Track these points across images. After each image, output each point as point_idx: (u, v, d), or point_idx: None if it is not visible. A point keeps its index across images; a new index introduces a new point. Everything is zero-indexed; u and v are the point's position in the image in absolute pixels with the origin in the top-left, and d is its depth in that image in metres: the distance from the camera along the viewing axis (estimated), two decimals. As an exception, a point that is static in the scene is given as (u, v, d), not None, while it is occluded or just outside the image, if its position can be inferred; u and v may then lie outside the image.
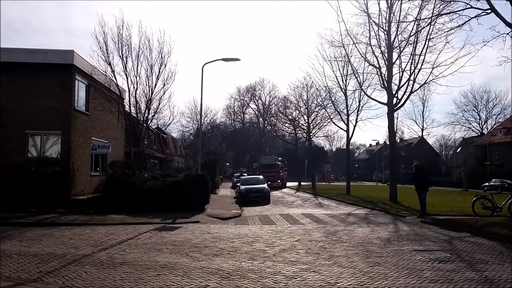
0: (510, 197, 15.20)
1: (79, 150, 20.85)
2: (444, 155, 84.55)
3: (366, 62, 25.41)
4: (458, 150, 73.03)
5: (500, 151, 53.48)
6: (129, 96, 21.86)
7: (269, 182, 37.90)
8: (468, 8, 14.60)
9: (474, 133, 69.45)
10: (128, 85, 21.37)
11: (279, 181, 43.11)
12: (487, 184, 40.44)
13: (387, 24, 22.69)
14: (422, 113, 69.84)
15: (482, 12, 14.31)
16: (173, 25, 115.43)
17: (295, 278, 6.88)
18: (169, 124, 41.35)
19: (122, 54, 20.94)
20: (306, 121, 43.86)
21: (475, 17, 14.55)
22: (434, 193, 23.92)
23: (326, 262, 8.05)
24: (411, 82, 22.70)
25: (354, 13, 25.78)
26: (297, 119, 46.38)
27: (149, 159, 34.38)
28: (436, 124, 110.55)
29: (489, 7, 14.01)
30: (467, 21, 14.84)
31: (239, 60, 22.04)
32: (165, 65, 21.92)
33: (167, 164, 46.80)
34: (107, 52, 20.68)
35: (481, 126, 69.48)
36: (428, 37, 20.87)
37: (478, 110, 69.74)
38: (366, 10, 23.10)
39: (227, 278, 6.88)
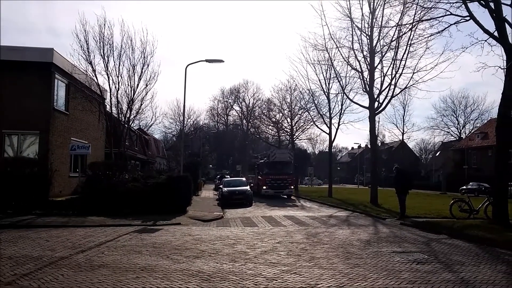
0: (487, 200, 15.56)
1: (57, 150, 20.43)
2: (424, 159, 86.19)
3: (348, 66, 25.69)
4: (437, 154, 74.53)
5: (478, 156, 54.79)
6: (110, 96, 21.59)
7: (278, 190, 30.24)
8: (448, 15, 14.90)
9: (452, 137, 71.09)
10: (109, 85, 21.11)
11: (292, 187, 31.94)
12: (464, 187, 41.36)
13: (369, 29, 23.04)
14: (403, 117, 71.50)
15: (461, 19, 14.62)
16: (156, 25, 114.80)
17: (276, 280, 6.88)
18: (151, 125, 41.13)
19: (103, 53, 20.68)
20: (290, 123, 44.01)
21: (454, 23, 14.85)
22: (414, 196, 24.32)
23: (307, 264, 8.09)
24: (392, 87, 23.13)
25: (338, 17, 26.22)
26: (280, 121, 46.48)
27: (131, 160, 33.91)
28: (416, 128, 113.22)
29: (468, 14, 14.33)
30: (447, 27, 15.15)
31: (223, 61, 21.98)
32: (148, 65, 21.75)
33: (149, 166, 46.30)
34: (88, 51, 20.41)
35: (459, 130, 71.24)
36: (409, 43, 21.28)
37: (457, 115, 71.55)
38: (349, 15, 23.45)
39: (207, 280, 6.83)
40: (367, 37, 23.26)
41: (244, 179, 30.61)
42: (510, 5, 13.62)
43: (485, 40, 14.23)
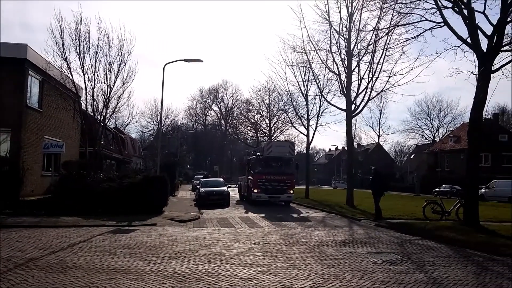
0: (458, 202, 15.99)
1: (30, 148, 19.86)
2: (399, 161, 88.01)
3: (326, 68, 26.07)
4: (411, 157, 76.28)
5: (451, 158, 56.32)
6: (86, 94, 21.09)
7: (274, 194, 23.30)
8: (423, 20, 15.28)
9: (427, 140, 72.99)
10: (85, 82, 20.58)
11: (291, 191, 24.15)
12: (437, 189, 42.38)
13: (347, 33, 23.39)
14: (379, 120, 72.80)
15: (436, 25, 15.02)
16: (135, 23, 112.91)
17: (251, 281, 6.89)
18: (127, 124, 40.15)
19: (79, 50, 20.14)
20: (268, 124, 44.30)
21: (429, 29, 15.25)
22: (388, 197, 24.75)
23: (283, 265, 8.12)
24: (368, 90, 23.57)
25: (316, 20, 26.32)
26: (259, 122, 46.76)
27: (106, 159, 33.32)
28: (391, 131, 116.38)
29: (442, 21, 14.72)
30: (422, 33, 15.53)
31: (202, 61, 21.87)
32: (125, 64, 21.30)
33: (125, 165, 45.55)
34: (63, 48, 19.85)
35: (433, 134, 73.19)
36: (385, 47, 21.75)
37: (431, 118, 73.54)
38: (327, 18, 23.73)
39: (182, 282, 6.77)
40: (345, 40, 23.62)
41: (221, 179, 30.49)
42: (483, 12, 14.05)
43: (459, 46, 14.68)
